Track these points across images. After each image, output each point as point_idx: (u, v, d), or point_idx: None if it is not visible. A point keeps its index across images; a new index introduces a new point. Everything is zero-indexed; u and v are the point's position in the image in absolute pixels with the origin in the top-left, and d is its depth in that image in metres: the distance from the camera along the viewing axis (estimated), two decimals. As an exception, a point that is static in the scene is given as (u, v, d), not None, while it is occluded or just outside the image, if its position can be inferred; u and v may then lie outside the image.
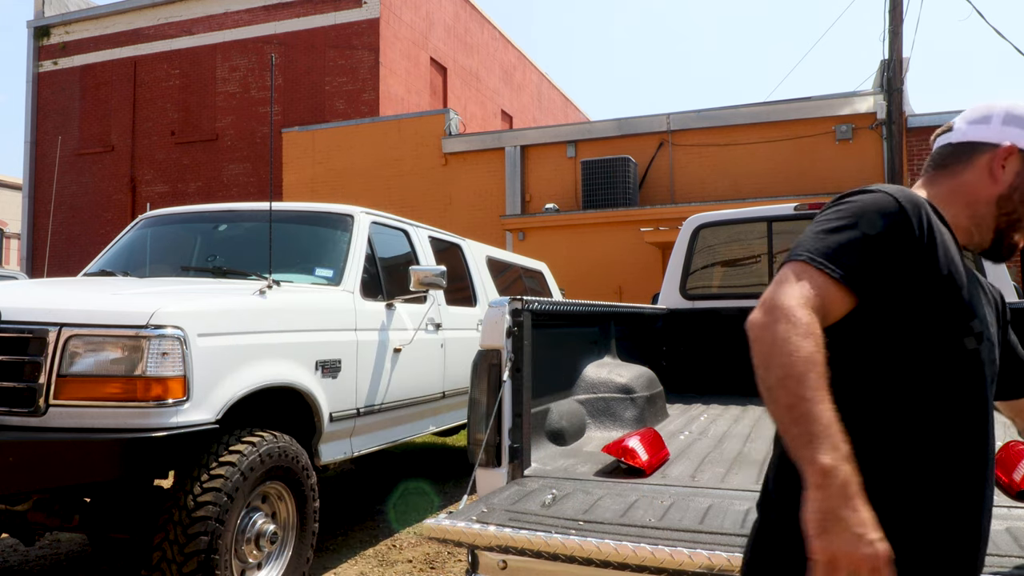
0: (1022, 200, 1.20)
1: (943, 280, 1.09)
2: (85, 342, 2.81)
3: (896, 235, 1.07)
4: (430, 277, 4.31)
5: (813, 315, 1.01)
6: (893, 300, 1.07)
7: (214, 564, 2.80)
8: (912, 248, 1.07)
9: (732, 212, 4.97)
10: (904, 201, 1.10)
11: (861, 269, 1.05)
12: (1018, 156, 1.21)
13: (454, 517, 1.94)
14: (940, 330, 1.08)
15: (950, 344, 1.08)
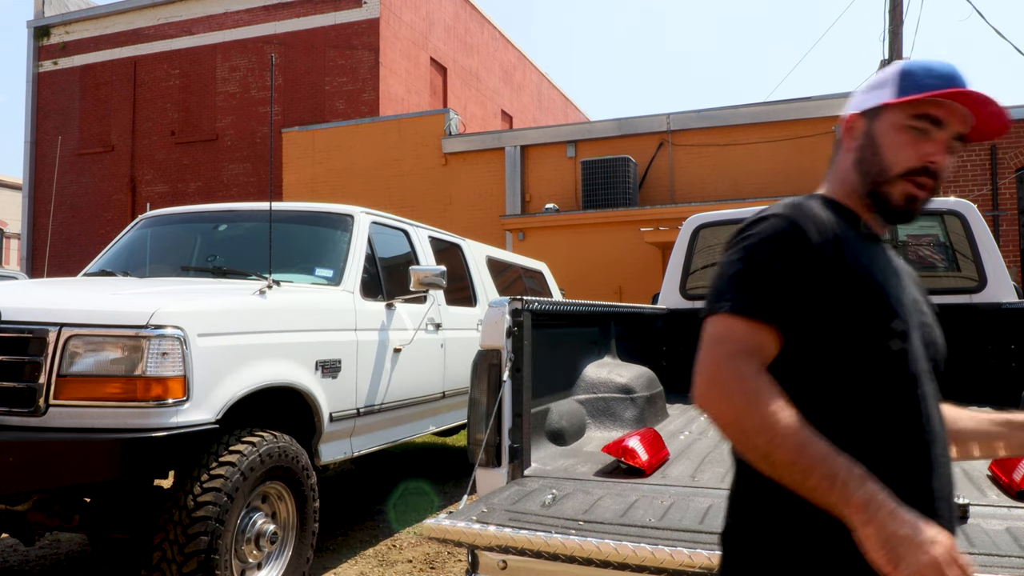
0: (873, 152, 1.19)
1: (857, 285, 1.08)
2: (85, 342, 2.81)
3: (798, 255, 1.07)
4: (430, 277, 4.31)
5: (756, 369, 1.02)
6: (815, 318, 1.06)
7: (214, 564, 2.80)
8: (816, 261, 1.07)
9: (732, 212, 4.97)
10: (797, 218, 1.10)
11: (777, 303, 1.05)
12: (861, 119, 1.23)
13: (454, 517, 1.94)
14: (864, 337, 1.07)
15: (876, 349, 1.07)
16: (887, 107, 1.18)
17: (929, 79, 1.15)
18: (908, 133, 1.16)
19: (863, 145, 1.21)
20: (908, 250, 4.75)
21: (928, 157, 1.16)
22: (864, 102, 1.23)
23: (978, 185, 11.34)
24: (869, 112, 1.21)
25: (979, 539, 1.72)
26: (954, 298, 4.34)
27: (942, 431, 1.14)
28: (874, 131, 1.19)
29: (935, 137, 1.16)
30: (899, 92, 1.17)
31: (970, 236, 4.39)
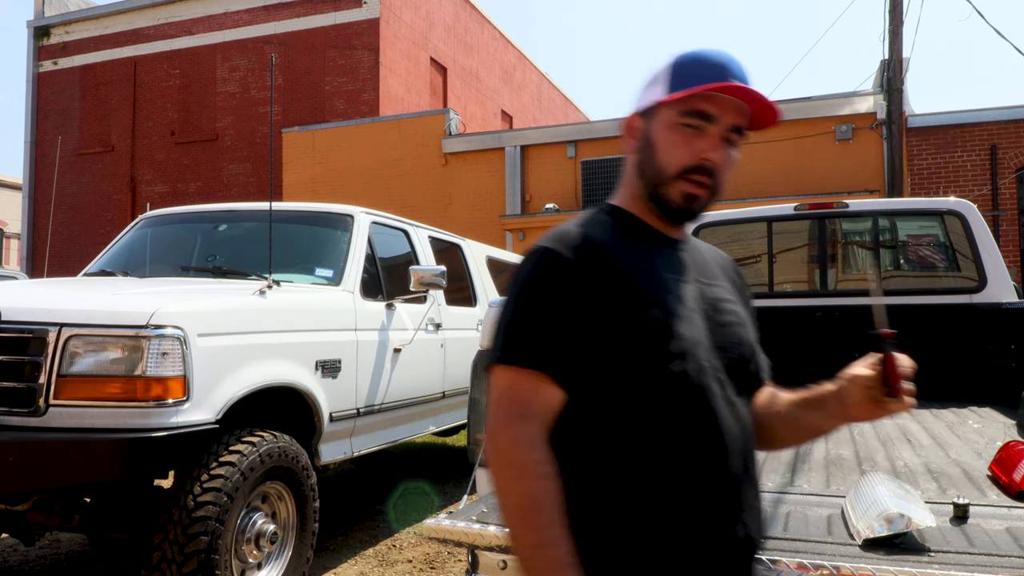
0: (650, 154, 1.15)
1: (627, 306, 1.05)
2: (85, 342, 2.80)
3: (560, 287, 1.05)
4: (430, 277, 4.31)
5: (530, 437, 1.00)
6: (590, 347, 1.04)
7: (214, 564, 2.80)
8: (580, 290, 1.05)
9: (732, 212, 4.97)
10: (554, 246, 1.07)
11: (546, 348, 1.03)
12: (638, 119, 1.19)
13: (454, 517, 1.94)
14: (639, 360, 1.04)
15: (655, 371, 1.05)
16: (660, 105, 1.14)
17: (699, 72, 1.11)
18: (681, 131, 1.12)
19: (641, 147, 1.17)
20: (908, 250, 4.75)
21: (702, 154, 1.11)
22: (640, 103, 1.18)
23: (978, 185, 11.34)
24: (646, 112, 1.17)
25: (979, 539, 1.72)
26: (954, 298, 4.34)
27: (745, 437, 1.12)
28: (650, 131, 1.15)
29: (708, 132, 1.11)
30: (670, 88, 1.12)
31: (970, 236, 4.39)
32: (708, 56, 1.13)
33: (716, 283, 1.20)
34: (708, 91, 1.09)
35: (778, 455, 2.75)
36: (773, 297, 4.70)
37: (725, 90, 1.09)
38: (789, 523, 1.88)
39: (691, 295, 1.12)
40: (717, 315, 1.15)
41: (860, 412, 1.10)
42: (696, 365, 1.07)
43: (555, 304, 1.04)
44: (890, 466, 2.53)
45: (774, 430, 1.23)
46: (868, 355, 1.13)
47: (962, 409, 3.82)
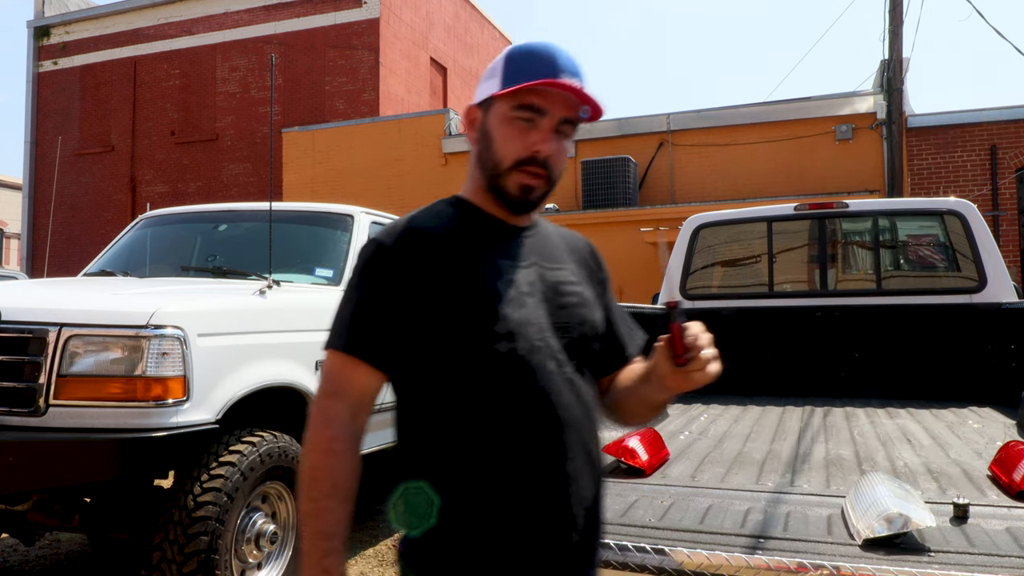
0: (487, 146, 1.19)
1: (452, 291, 1.10)
2: (85, 342, 2.80)
3: (383, 277, 1.11)
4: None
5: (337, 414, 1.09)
6: (419, 331, 1.10)
7: (214, 564, 2.80)
8: (403, 279, 1.11)
9: (732, 212, 4.97)
10: (384, 238, 1.14)
11: (367, 336, 1.10)
12: (477, 111, 1.23)
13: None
14: (466, 341, 1.09)
15: (481, 351, 1.09)
16: (494, 99, 1.18)
17: (529, 67, 1.15)
18: (514, 124, 1.16)
19: (480, 139, 1.21)
20: (908, 250, 4.75)
21: (534, 147, 1.15)
22: (478, 95, 1.23)
23: (978, 185, 11.34)
24: (483, 104, 1.21)
25: (979, 539, 1.72)
26: (954, 298, 4.34)
27: (582, 413, 1.15)
28: (487, 124, 1.20)
29: (540, 126, 1.15)
30: (504, 82, 1.16)
31: (970, 236, 4.39)
32: (538, 50, 1.16)
33: (560, 266, 1.24)
34: (534, 87, 1.13)
35: (778, 455, 2.75)
36: (773, 297, 4.70)
37: (551, 86, 1.13)
38: (789, 523, 1.88)
39: (527, 279, 1.16)
40: (558, 297, 1.18)
41: (671, 383, 1.11)
42: (527, 345, 1.11)
43: (373, 293, 1.11)
44: (890, 466, 2.53)
45: (626, 405, 1.27)
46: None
47: (962, 409, 3.82)
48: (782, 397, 4.41)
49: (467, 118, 1.24)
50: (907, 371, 4.34)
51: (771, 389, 4.56)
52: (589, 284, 1.29)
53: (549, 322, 1.15)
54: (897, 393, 4.32)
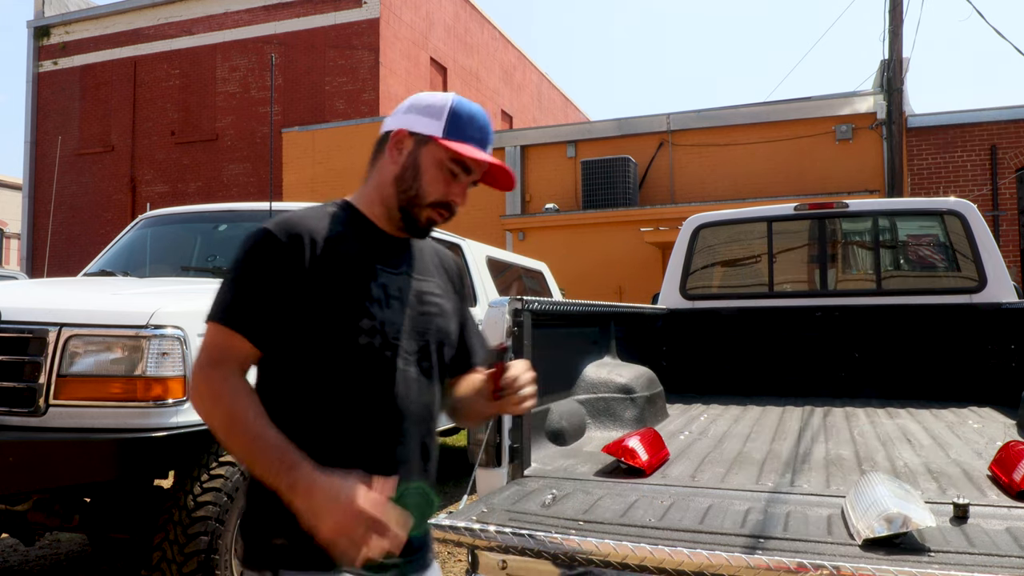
0: (414, 177, 1.33)
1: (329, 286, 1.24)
2: (85, 342, 2.80)
3: (277, 261, 1.22)
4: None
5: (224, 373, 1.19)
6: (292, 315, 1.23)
7: (214, 564, 2.80)
8: (287, 267, 1.22)
9: (732, 212, 4.97)
10: (275, 229, 1.24)
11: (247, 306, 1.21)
12: (410, 139, 1.34)
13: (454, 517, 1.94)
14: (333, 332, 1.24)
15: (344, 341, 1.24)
16: (435, 140, 1.32)
17: (471, 130, 1.33)
18: (445, 172, 1.32)
19: (408, 165, 1.34)
20: (908, 250, 4.75)
21: (454, 196, 1.34)
22: (415, 124, 1.34)
23: (978, 185, 11.34)
24: (419, 137, 1.33)
25: (979, 539, 1.72)
26: (954, 298, 4.34)
27: (421, 406, 1.31)
28: (419, 157, 1.33)
29: (462, 180, 1.34)
30: (447, 131, 1.32)
31: (970, 236, 4.39)
32: (477, 117, 1.34)
33: (427, 279, 1.39)
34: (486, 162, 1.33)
35: (778, 455, 2.75)
36: (773, 297, 4.70)
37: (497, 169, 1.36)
38: (789, 523, 1.88)
39: (396, 284, 1.32)
40: (420, 305, 1.34)
41: (490, 408, 1.37)
42: (384, 342, 1.27)
43: (258, 277, 1.22)
44: (890, 466, 2.54)
45: (461, 408, 1.47)
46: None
47: (962, 409, 3.82)
48: (782, 397, 4.41)
49: (396, 139, 1.35)
50: (907, 371, 4.34)
51: (771, 389, 4.56)
52: (451, 298, 1.44)
53: (409, 326, 1.31)
54: (897, 393, 4.32)
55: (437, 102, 1.35)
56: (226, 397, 1.18)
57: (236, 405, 1.17)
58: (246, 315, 1.22)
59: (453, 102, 1.35)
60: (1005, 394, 3.93)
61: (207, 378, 1.19)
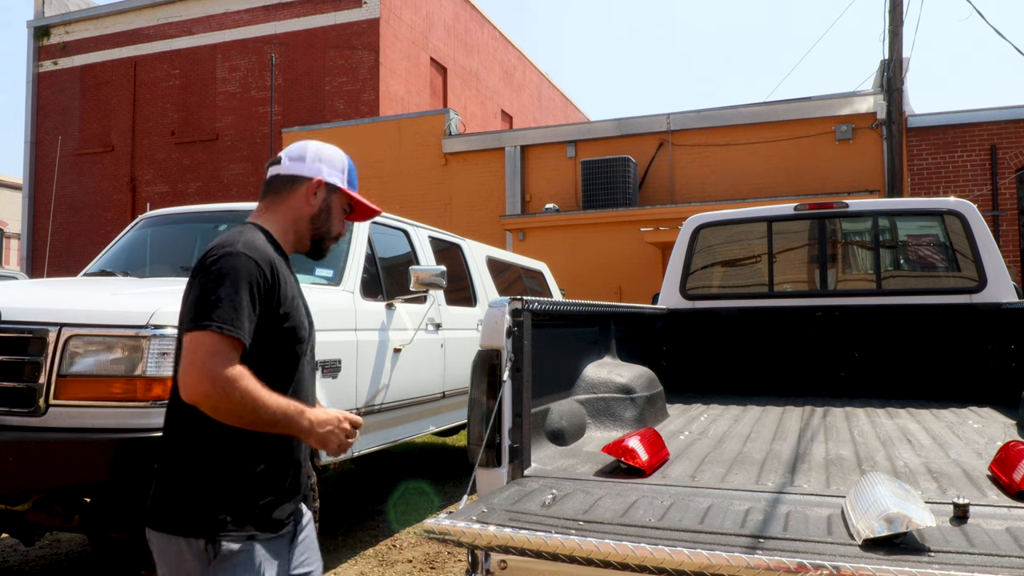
0: (326, 218, 1.77)
1: (286, 305, 1.62)
2: (85, 342, 2.80)
3: (259, 285, 1.55)
4: (430, 277, 4.31)
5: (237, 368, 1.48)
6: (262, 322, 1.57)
7: (214, 564, 2.79)
8: (266, 290, 1.57)
9: (732, 212, 4.97)
10: (258, 258, 1.56)
11: (244, 321, 1.51)
12: (323, 187, 1.75)
13: (454, 517, 1.94)
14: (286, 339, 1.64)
15: (292, 352, 1.66)
16: (340, 191, 1.78)
17: (353, 179, 1.82)
18: (342, 213, 1.82)
19: (321, 210, 1.76)
20: (908, 250, 4.75)
21: (343, 230, 1.84)
22: (328, 175, 1.76)
23: (978, 185, 11.34)
24: (330, 186, 1.76)
25: (979, 539, 1.72)
26: (954, 298, 4.34)
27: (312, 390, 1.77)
28: (330, 204, 1.77)
29: (345, 217, 1.84)
30: (347, 183, 1.80)
31: (970, 236, 4.39)
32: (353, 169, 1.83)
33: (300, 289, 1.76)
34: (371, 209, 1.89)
35: (778, 455, 2.75)
36: (773, 297, 4.70)
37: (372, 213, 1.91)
38: (789, 523, 1.88)
39: (301, 299, 1.71)
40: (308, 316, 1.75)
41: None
42: (306, 347, 1.72)
43: (247, 295, 1.52)
44: (890, 466, 2.54)
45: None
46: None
47: (962, 409, 3.82)
48: (782, 397, 4.41)
49: (313, 187, 1.73)
50: (907, 371, 4.34)
51: (771, 389, 4.56)
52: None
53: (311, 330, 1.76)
54: (897, 393, 4.32)
55: (337, 158, 1.79)
56: (251, 389, 1.48)
57: (259, 391, 1.50)
58: (242, 325, 1.50)
59: (348, 160, 1.82)
60: (1005, 394, 3.93)
61: (233, 378, 1.46)
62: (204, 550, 1.49)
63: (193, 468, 1.54)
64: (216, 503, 1.52)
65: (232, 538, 1.51)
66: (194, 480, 1.53)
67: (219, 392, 1.45)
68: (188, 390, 1.47)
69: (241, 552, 1.52)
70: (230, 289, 1.49)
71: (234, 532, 1.52)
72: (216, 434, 1.53)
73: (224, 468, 1.54)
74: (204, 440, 1.54)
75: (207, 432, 1.53)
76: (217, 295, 1.48)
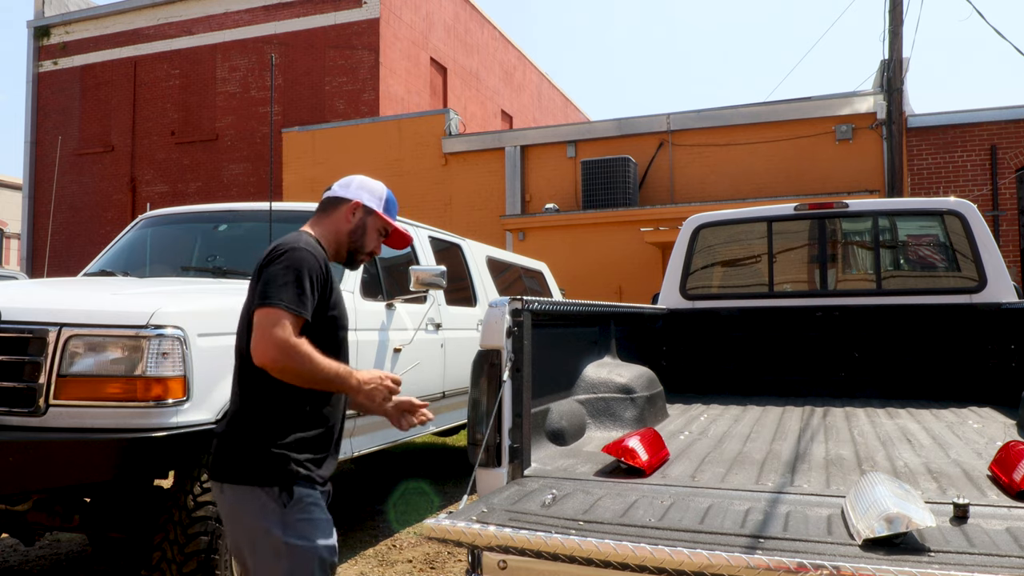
0: (361, 235, 2.12)
1: (334, 297, 1.99)
2: (85, 342, 2.80)
3: (318, 276, 1.90)
4: (430, 277, 4.31)
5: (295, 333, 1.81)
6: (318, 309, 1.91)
7: (214, 564, 2.80)
8: (322, 282, 1.92)
9: (732, 212, 4.97)
10: (317, 255, 1.93)
11: (308, 303, 1.86)
12: (361, 208, 2.11)
13: (454, 517, 1.94)
14: (333, 324, 1.99)
15: (335, 336, 2.01)
16: (377, 214, 2.14)
17: (393, 209, 2.17)
18: (378, 236, 2.17)
19: (358, 227, 2.11)
20: (908, 250, 4.75)
21: (378, 250, 2.20)
22: (367, 200, 2.12)
23: (978, 185, 11.34)
24: (367, 209, 2.12)
25: (979, 539, 1.72)
26: (954, 298, 4.34)
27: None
28: (366, 223, 2.13)
29: (381, 240, 2.19)
30: (385, 209, 2.15)
31: (970, 236, 4.39)
32: (395, 203, 2.19)
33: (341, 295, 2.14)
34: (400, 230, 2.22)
35: (778, 455, 2.75)
36: (773, 297, 4.70)
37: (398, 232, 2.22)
38: (789, 523, 1.88)
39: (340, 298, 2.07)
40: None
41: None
42: (345, 334, 2.07)
43: (309, 283, 1.87)
44: (890, 466, 2.54)
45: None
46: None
47: (962, 409, 3.82)
48: (782, 397, 4.41)
49: (351, 208, 2.10)
50: (907, 371, 4.34)
51: (771, 389, 4.56)
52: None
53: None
54: (897, 393, 4.32)
55: (377, 189, 2.16)
56: (310, 352, 1.81)
57: (315, 354, 1.82)
58: (305, 305, 1.85)
59: (388, 192, 2.19)
60: (1005, 394, 3.93)
61: (296, 344, 1.79)
62: (279, 496, 1.83)
63: (264, 430, 1.87)
64: (286, 458, 1.86)
65: (301, 484, 1.86)
66: (266, 439, 1.87)
67: (285, 355, 1.77)
68: (259, 355, 1.78)
69: (309, 496, 1.88)
70: (295, 276, 1.84)
71: (302, 480, 1.87)
72: (281, 402, 1.88)
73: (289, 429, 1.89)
74: (272, 407, 1.88)
75: (274, 400, 1.88)
76: (285, 280, 1.83)
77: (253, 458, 1.86)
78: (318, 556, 1.86)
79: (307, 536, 1.85)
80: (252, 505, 1.84)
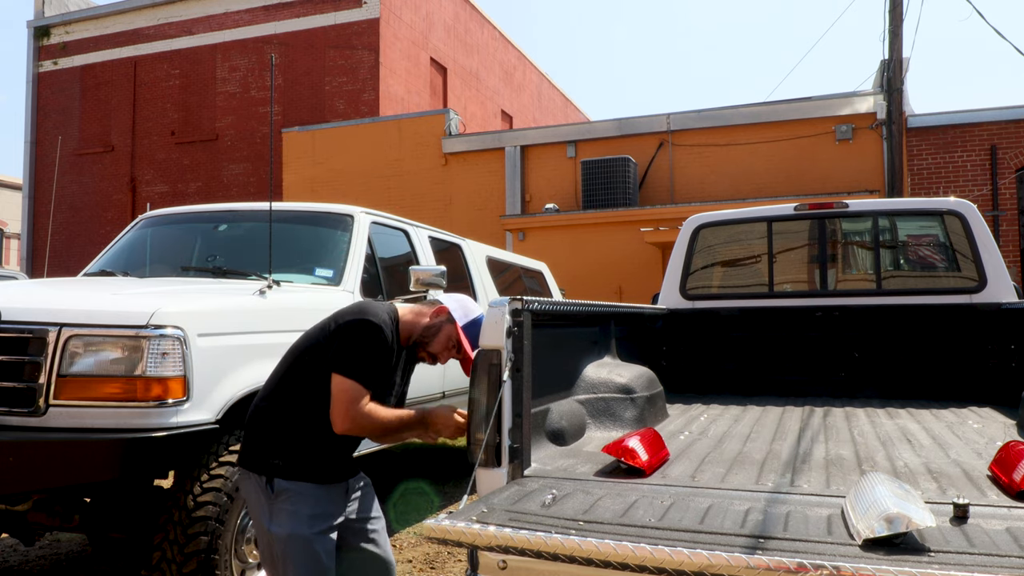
0: (433, 334, 2.38)
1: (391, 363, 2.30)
2: (85, 342, 2.80)
3: (383, 346, 2.22)
4: (430, 277, 4.31)
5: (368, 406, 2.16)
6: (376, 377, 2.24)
7: (214, 564, 2.80)
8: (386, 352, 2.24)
9: (732, 212, 4.97)
10: (384, 327, 2.22)
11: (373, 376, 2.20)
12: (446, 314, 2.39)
13: (454, 517, 1.94)
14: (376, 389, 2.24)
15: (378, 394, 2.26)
16: (455, 325, 2.39)
17: (472, 332, 2.37)
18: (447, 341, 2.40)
19: (433, 326, 2.38)
20: (908, 250, 4.75)
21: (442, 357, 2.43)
22: (454, 310, 2.40)
23: (978, 185, 11.35)
24: (450, 317, 2.39)
25: (979, 539, 1.72)
26: (954, 298, 4.34)
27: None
28: (441, 327, 2.39)
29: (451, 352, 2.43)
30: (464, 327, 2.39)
31: (970, 236, 4.39)
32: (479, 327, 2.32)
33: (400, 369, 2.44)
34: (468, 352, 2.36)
35: (778, 455, 2.75)
36: (773, 297, 4.70)
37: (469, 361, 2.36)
38: (789, 523, 1.88)
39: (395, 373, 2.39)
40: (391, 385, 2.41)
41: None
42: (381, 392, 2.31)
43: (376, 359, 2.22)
44: (890, 466, 2.54)
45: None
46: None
47: (962, 409, 3.82)
48: (782, 397, 4.41)
49: (439, 311, 2.41)
50: (907, 371, 4.34)
51: (771, 389, 4.56)
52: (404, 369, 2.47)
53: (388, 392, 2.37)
54: (897, 393, 4.32)
55: (472, 308, 2.43)
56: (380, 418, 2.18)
57: (383, 416, 2.19)
58: (372, 379, 2.19)
59: (481, 316, 2.36)
60: (1005, 394, 3.93)
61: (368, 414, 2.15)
62: (265, 486, 2.13)
63: (270, 430, 2.18)
64: (274, 454, 2.15)
65: (284, 477, 2.13)
66: (268, 437, 2.18)
67: (359, 428, 2.15)
68: (339, 425, 2.13)
69: (291, 488, 2.13)
70: (369, 351, 2.18)
71: (286, 475, 2.13)
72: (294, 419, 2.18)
73: (288, 435, 2.17)
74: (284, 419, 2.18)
75: (289, 417, 2.18)
76: (362, 354, 2.17)
77: (254, 448, 2.18)
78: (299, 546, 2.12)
79: (285, 525, 2.11)
80: (250, 488, 2.17)
